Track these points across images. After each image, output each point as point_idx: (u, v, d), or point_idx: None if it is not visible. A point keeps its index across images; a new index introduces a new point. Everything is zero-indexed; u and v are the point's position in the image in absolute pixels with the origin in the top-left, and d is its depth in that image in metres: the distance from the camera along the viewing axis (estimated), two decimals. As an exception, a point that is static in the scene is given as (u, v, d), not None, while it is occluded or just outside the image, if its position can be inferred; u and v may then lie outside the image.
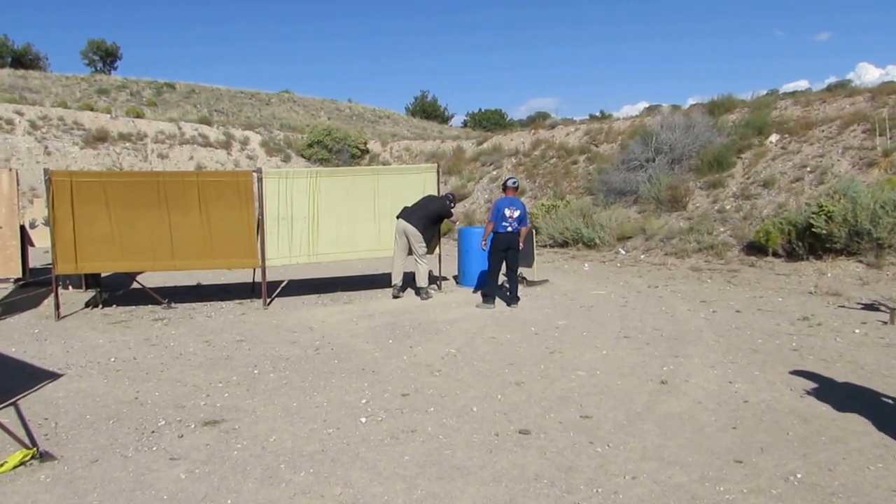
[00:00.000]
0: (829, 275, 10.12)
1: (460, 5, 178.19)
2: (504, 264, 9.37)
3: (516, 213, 9.19)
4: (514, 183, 9.62)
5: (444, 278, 11.11)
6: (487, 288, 9.44)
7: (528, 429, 4.75)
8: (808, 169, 13.38)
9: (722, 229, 13.01)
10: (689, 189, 14.92)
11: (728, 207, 13.73)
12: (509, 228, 9.17)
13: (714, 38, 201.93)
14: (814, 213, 10.76)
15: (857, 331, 7.32)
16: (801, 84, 75.41)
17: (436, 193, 10.37)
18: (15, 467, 4.10)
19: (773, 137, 15.12)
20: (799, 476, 3.95)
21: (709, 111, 17.67)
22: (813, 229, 10.63)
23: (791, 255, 11.11)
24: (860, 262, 10.41)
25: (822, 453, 4.26)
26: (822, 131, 14.29)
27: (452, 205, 10.41)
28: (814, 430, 4.64)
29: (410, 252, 9.90)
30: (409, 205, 9.91)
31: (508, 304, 9.23)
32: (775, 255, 11.32)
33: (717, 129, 16.42)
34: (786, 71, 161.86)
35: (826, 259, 10.62)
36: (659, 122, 17.89)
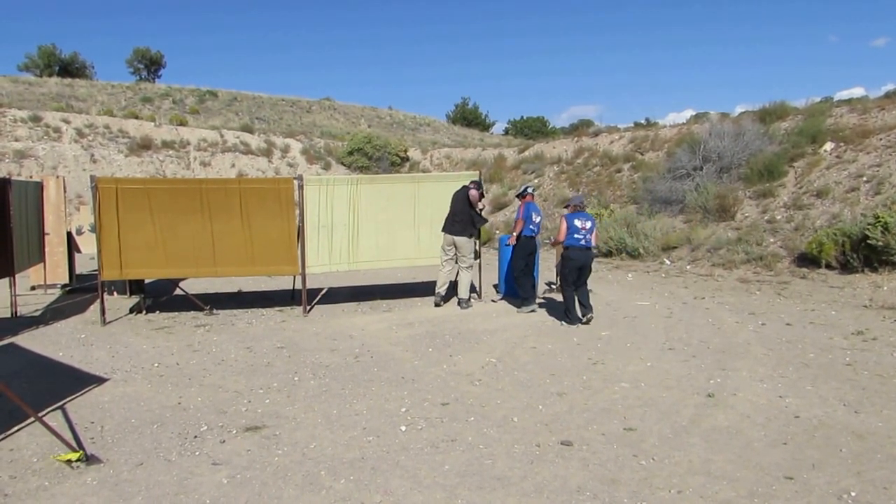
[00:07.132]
0: (885, 288, 9.76)
1: (501, 12, 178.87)
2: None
3: (538, 220, 9.65)
4: (533, 189, 10.05)
5: (485, 288, 11.04)
6: (523, 291, 9.52)
7: (570, 440, 4.66)
8: (865, 178, 12.95)
9: (772, 240, 12.68)
10: (737, 198, 14.58)
11: (778, 218, 13.37)
12: (535, 232, 9.59)
13: (763, 44, 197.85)
14: (870, 224, 10.41)
15: (915, 345, 7.04)
16: (857, 91, 73.46)
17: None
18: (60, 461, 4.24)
19: (828, 146, 14.67)
20: (853, 494, 3.81)
21: (759, 119, 17.21)
22: (868, 241, 10.28)
23: (845, 268, 10.75)
24: (918, 274, 10.02)
25: (877, 471, 4.10)
26: (880, 139, 13.82)
27: (480, 191, 9.75)
28: (868, 446, 4.46)
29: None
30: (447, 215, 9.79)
31: (519, 309, 9.49)
32: (828, 266, 10.96)
33: (768, 137, 15.98)
34: (840, 78, 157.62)
35: (882, 272, 10.24)
36: (707, 129, 17.51)
